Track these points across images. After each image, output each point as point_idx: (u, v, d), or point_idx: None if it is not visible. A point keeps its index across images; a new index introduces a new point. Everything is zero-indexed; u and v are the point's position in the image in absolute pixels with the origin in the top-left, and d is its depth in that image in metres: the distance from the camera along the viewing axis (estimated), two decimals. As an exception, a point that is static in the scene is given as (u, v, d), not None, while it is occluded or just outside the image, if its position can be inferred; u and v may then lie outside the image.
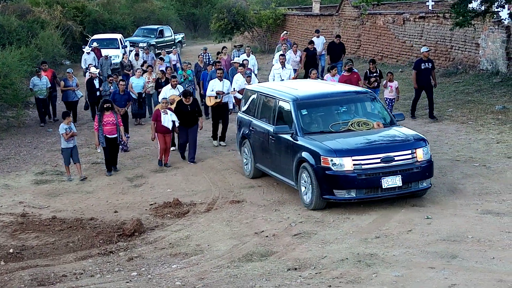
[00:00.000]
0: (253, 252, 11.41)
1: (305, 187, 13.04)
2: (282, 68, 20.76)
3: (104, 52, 29.88)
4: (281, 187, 14.72)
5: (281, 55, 22.30)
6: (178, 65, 26.74)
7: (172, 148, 17.98)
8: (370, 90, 16.09)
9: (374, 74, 19.58)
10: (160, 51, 32.10)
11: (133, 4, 53.26)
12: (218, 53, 25.61)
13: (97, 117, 16.88)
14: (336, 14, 34.03)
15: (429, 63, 19.68)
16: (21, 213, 14.42)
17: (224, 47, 26.79)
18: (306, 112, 13.84)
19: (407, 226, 11.60)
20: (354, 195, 12.53)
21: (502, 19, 22.70)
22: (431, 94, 19.65)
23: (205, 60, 25.46)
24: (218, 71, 19.34)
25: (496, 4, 19.90)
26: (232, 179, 15.86)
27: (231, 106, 19.29)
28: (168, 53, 28.78)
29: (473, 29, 23.34)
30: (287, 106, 14.05)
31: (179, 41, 43.39)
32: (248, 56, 23.88)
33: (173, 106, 17.40)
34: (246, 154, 15.77)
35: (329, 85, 16.52)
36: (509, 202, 12.53)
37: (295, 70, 23.87)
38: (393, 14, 30.15)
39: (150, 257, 11.67)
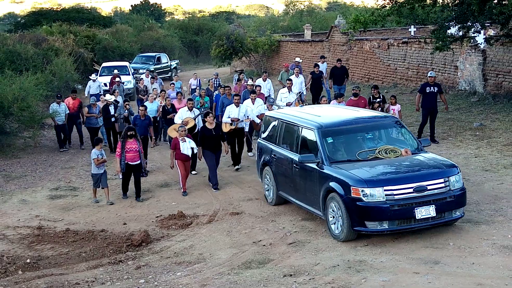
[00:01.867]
0: (251, 260, 11.40)
1: (334, 218, 11.67)
2: (289, 92, 19.91)
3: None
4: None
5: (288, 79, 21.46)
6: (197, 90, 25.45)
7: (193, 172, 17.42)
8: (395, 116, 14.96)
9: (378, 100, 18.43)
10: (174, 76, 31.70)
11: (140, 32, 53.73)
12: (238, 79, 24.70)
13: (119, 144, 15.73)
14: (326, 40, 34.18)
15: (435, 87, 18.54)
16: (37, 226, 14.40)
17: (241, 72, 26.38)
18: (332, 140, 12.34)
19: (393, 235, 11.53)
20: (387, 227, 11.02)
21: (479, 43, 22.82)
22: (434, 118, 18.75)
23: (215, 84, 25.29)
24: (235, 97, 18.20)
25: (472, 29, 19.98)
26: (232, 192, 15.84)
27: (246, 129, 18.18)
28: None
29: (452, 53, 23.47)
30: (311, 134, 12.62)
31: (174, 67, 43.44)
32: (265, 80, 22.77)
33: (188, 127, 16.85)
34: (267, 181, 14.44)
35: (351, 111, 14.66)
36: (487, 212, 12.51)
37: (303, 93, 23.00)
38: (378, 39, 30.28)
39: (157, 265, 11.66)
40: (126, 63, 37.05)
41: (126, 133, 15.67)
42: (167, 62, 42.95)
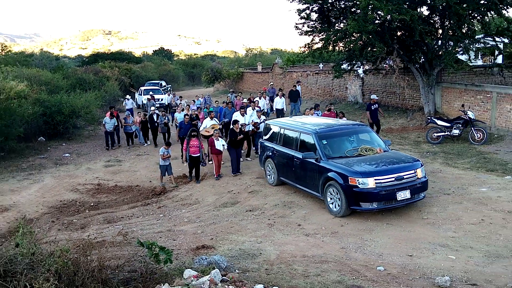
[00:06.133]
0: (227, 202, 11.42)
1: (331, 199, 9.77)
2: (253, 110, 16.92)
3: (147, 96, 27.66)
4: (241, 166, 14.52)
5: (252, 102, 18.51)
6: (203, 105, 22.91)
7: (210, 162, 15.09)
8: (365, 124, 12.49)
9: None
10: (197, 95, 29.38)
11: (158, 66, 53.05)
12: (236, 96, 22.81)
13: (185, 141, 13.75)
14: (270, 72, 34.06)
15: (376, 105, 16.63)
16: (97, 183, 14.20)
17: (239, 93, 24.86)
18: (326, 142, 10.39)
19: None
20: (376, 206, 9.18)
21: (359, 73, 23.08)
22: (378, 127, 16.82)
23: (207, 102, 23.53)
24: (241, 110, 16.08)
25: (356, 65, 20.19)
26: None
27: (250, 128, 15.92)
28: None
29: (344, 79, 23.67)
30: (309, 137, 10.64)
31: (169, 90, 41.90)
32: (260, 99, 20.33)
33: (216, 128, 14.82)
34: (269, 168, 12.31)
35: (331, 120, 12.36)
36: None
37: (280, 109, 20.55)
38: (301, 71, 30.32)
39: (170, 206, 11.59)
40: (157, 87, 35.40)
41: (191, 134, 13.65)
42: (165, 86, 41.38)
